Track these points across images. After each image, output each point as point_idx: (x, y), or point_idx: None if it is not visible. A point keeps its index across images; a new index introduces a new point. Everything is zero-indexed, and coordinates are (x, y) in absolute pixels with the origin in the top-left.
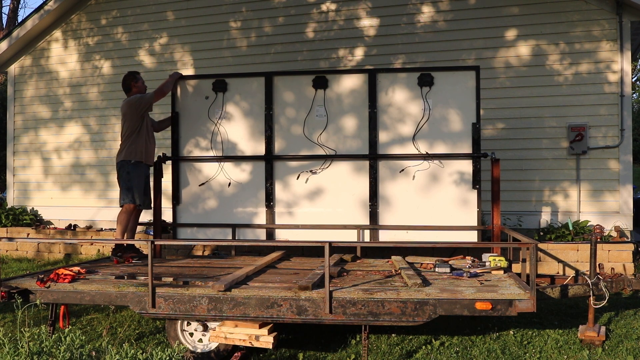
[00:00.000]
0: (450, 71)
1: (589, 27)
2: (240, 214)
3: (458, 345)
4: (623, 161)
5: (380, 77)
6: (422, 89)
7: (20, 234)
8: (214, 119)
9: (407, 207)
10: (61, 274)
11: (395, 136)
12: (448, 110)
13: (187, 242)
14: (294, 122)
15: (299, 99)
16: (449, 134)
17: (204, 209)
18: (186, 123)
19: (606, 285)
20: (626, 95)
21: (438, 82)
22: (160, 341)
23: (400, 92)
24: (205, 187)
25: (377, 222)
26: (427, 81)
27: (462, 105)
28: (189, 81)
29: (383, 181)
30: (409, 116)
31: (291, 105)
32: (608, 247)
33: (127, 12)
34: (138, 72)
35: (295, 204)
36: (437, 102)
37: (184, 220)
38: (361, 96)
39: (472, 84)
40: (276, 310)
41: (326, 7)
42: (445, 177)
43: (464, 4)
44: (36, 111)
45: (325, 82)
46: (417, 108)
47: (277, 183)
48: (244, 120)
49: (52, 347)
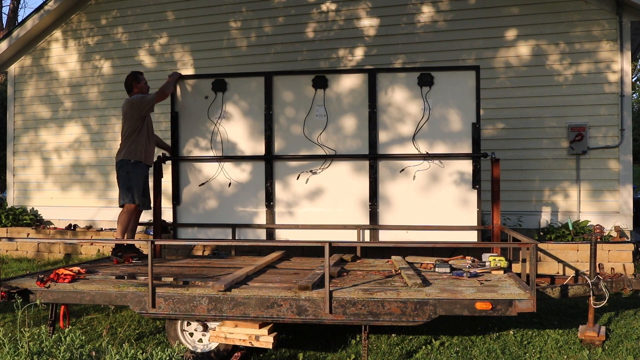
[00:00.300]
0: (450, 71)
1: (589, 27)
2: (240, 214)
3: (458, 345)
4: (623, 161)
5: (380, 77)
6: (422, 89)
7: (20, 234)
8: (213, 119)
9: (407, 207)
10: (61, 274)
11: (395, 136)
12: (448, 110)
13: (187, 242)
14: (294, 122)
15: (298, 99)
16: (449, 133)
17: (204, 209)
18: (186, 123)
19: (606, 285)
20: (626, 95)
21: (438, 82)
22: (160, 341)
23: (400, 92)
24: (205, 187)
25: (377, 222)
26: (427, 81)
27: (462, 105)
28: (188, 81)
29: (383, 181)
30: (408, 116)
31: (291, 105)
32: (608, 247)
33: (127, 12)
34: (141, 72)
35: (296, 204)
36: (437, 101)
37: (184, 220)
38: (361, 96)
39: (472, 83)
40: (276, 310)
41: (326, 7)
42: (445, 177)
43: (464, 4)
44: (36, 111)
45: (325, 81)
46: (417, 108)
47: (277, 183)
48: (243, 120)
49: (52, 347)
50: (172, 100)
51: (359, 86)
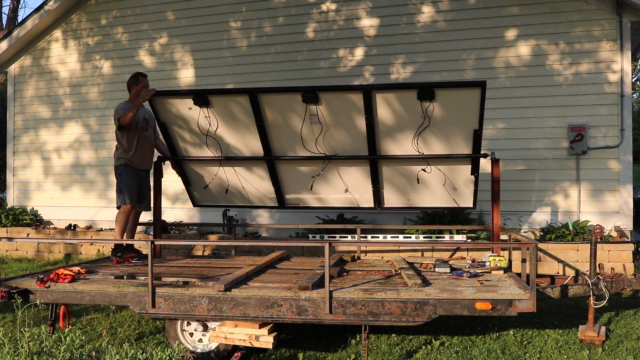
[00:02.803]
0: (453, 88)
1: (589, 27)
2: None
3: (458, 345)
4: (623, 161)
5: (377, 95)
6: (422, 103)
7: (20, 234)
8: (202, 129)
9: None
10: (61, 274)
11: (394, 142)
12: (449, 121)
13: (187, 242)
14: (288, 131)
15: (290, 113)
16: (449, 141)
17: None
18: (175, 132)
19: (606, 285)
20: (626, 95)
21: (440, 97)
22: (160, 341)
23: (398, 105)
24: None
25: (381, 202)
26: (428, 95)
27: (464, 117)
28: (166, 98)
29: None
30: (407, 126)
31: (283, 116)
32: (608, 247)
33: (127, 12)
34: (143, 74)
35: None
36: (438, 114)
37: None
38: (357, 107)
39: (476, 99)
40: (276, 310)
41: (326, 7)
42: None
43: (464, 4)
44: (36, 111)
45: (316, 98)
46: (417, 118)
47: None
48: (234, 130)
49: (52, 347)
50: (155, 114)
51: (355, 98)
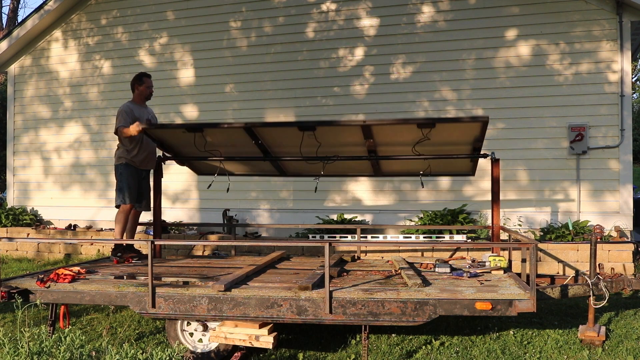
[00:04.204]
0: (454, 123)
1: (589, 27)
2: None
3: (458, 345)
4: (623, 161)
5: (376, 129)
6: (422, 130)
7: (20, 234)
8: (199, 147)
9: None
10: (61, 274)
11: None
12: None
13: (187, 242)
14: (288, 148)
15: (287, 139)
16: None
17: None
18: (174, 150)
19: (606, 285)
20: (626, 95)
21: (440, 127)
22: (160, 341)
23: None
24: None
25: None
26: (428, 125)
27: (464, 141)
28: (156, 131)
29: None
30: (406, 142)
31: (280, 139)
32: (608, 247)
33: (127, 12)
34: (148, 74)
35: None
36: (439, 139)
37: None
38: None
39: (477, 131)
40: (276, 310)
41: (326, 7)
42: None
43: (464, 4)
44: (36, 111)
45: (313, 128)
46: (416, 138)
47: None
48: (233, 146)
49: (52, 347)
50: (150, 137)
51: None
